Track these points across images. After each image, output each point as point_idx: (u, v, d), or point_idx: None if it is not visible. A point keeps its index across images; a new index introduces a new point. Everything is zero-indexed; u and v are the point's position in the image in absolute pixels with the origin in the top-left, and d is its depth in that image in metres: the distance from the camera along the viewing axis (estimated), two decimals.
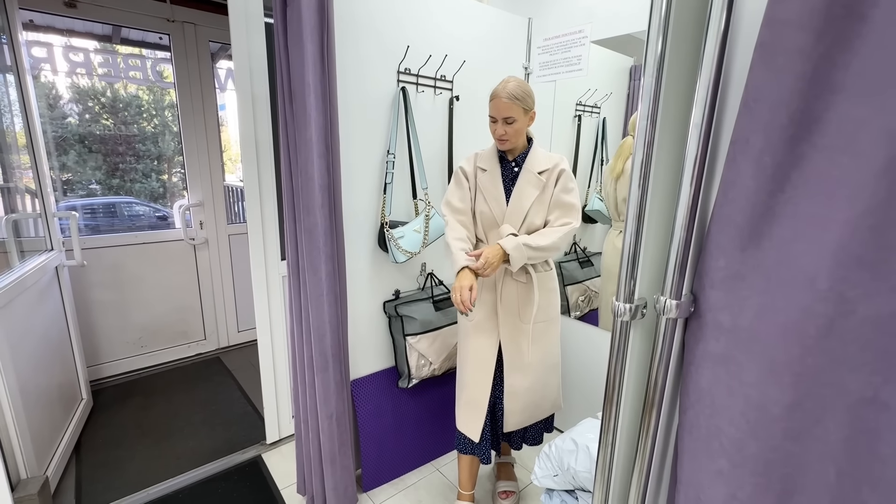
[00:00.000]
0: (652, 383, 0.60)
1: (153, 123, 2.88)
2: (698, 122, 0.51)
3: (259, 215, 1.78)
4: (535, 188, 1.43)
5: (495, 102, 1.36)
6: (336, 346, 1.49)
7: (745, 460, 0.54)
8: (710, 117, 0.50)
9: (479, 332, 1.50)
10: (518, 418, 1.54)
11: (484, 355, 1.50)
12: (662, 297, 0.57)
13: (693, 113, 0.51)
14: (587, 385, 2.04)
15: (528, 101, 1.37)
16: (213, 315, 2.98)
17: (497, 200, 1.46)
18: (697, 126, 0.51)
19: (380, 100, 1.62)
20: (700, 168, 0.52)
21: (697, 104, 0.50)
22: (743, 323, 0.52)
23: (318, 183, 1.34)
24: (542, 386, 1.55)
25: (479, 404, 1.50)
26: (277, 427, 2.05)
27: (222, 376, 2.71)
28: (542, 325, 1.51)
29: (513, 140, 1.40)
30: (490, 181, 1.46)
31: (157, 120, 2.89)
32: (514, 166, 1.47)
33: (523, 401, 1.52)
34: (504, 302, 1.48)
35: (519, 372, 1.50)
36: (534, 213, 1.44)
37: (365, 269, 1.71)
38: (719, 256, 0.52)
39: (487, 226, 1.49)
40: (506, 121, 1.36)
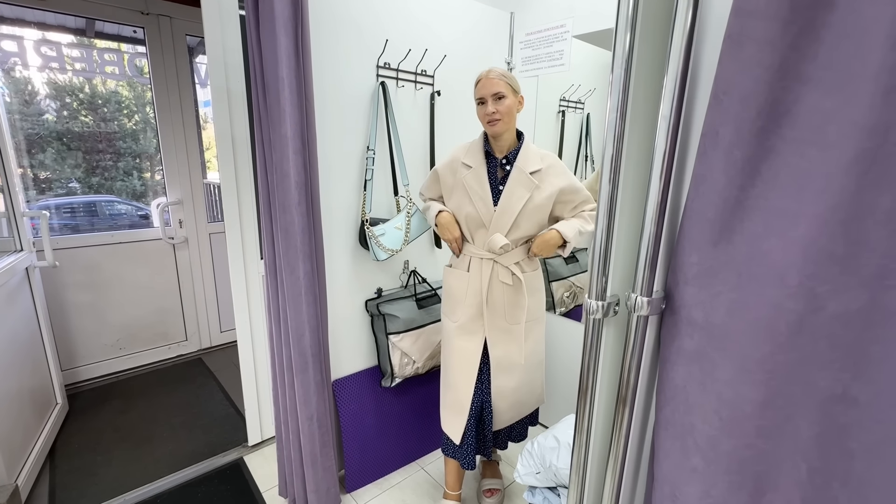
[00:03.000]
0: (624, 381, 0.59)
1: (134, 120, 2.81)
2: (667, 114, 0.50)
3: (237, 214, 1.74)
4: (526, 190, 1.35)
5: (483, 83, 1.30)
6: (316, 346, 1.46)
7: (718, 458, 0.53)
8: (678, 110, 0.49)
9: (463, 334, 1.48)
10: (506, 416, 1.54)
11: (469, 357, 1.47)
12: (634, 293, 0.56)
13: (661, 106, 0.50)
14: (571, 382, 2.04)
15: (515, 83, 1.32)
16: (195, 315, 2.92)
17: (484, 201, 1.37)
18: (666, 119, 0.50)
19: (359, 95, 1.59)
20: (669, 162, 0.51)
21: (666, 97, 0.49)
22: (715, 319, 0.51)
23: (295, 180, 1.31)
24: (528, 383, 1.54)
25: (462, 406, 1.49)
26: (259, 429, 2.02)
27: (204, 378, 2.66)
28: (529, 324, 1.49)
29: (505, 120, 1.31)
30: (476, 180, 1.38)
31: (137, 116, 2.81)
32: (505, 163, 1.39)
33: (510, 400, 1.51)
34: (491, 305, 1.45)
35: (506, 373, 1.48)
36: (523, 217, 1.36)
37: (345, 268, 1.68)
38: (692, 252, 0.51)
39: (474, 227, 1.43)
40: (496, 97, 1.29)
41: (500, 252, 1.39)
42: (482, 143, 1.41)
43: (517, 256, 1.43)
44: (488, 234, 1.38)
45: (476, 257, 1.44)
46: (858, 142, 0.39)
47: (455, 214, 1.46)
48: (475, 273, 1.44)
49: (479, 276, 1.43)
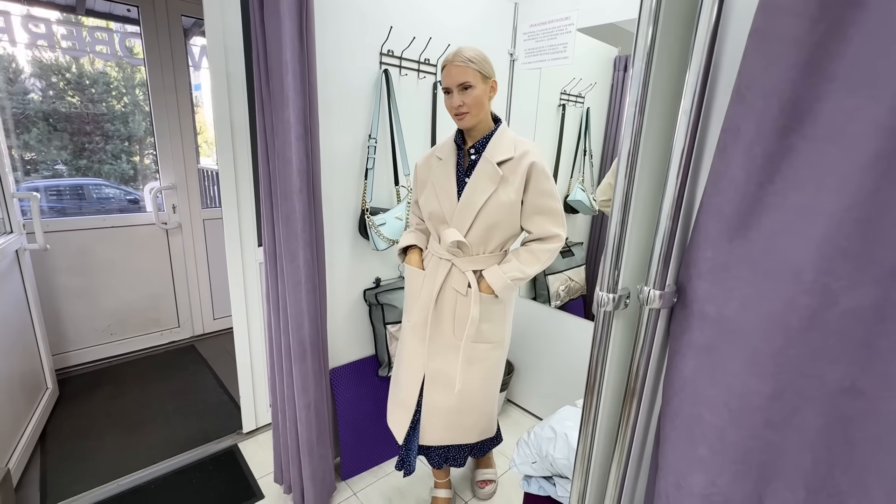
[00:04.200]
0: (633, 373, 0.60)
1: (123, 102, 2.74)
2: (687, 109, 0.50)
3: (235, 200, 1.72)
4: (491, 182, 1.20)
5: (447, 70, 1.17)
6: (314, 334, 1.46)
7: (725, 448, 0.54)
8: (699, 105, 0.50)
9: (413, 335, 1.39)
10: (437, 435, 1.41)
11: (414, 360, 1.39)
12: (646, 287, 0.57)
13: (682, 101, 0.50)
14: (566, 374, 2.07)
15: (485, 67, 1.18)
16: (188, 302, 2.89)
17: (448, 195, 1.25)
18: (686, 113, 0.50)
19: (361, 82, 1.57)
20: (688, 157, 0.51)
21: (687, 92, 0.49)
22: (728, 314, 0.52)
23: (297, 167, 1.29)
24: (470, 410, 1.39)
25: (406, 406, 1.43)
26: (254, 416, 2.01)
27: (197, 365, 2.64)
28: (484, 347, 1.34)
29: (474, 113, 1.18)
30: (443, 172, 1.26)
31: (127, 98, 2.75)
32: (473, 153, 1.25)
33: (444, 420, 1.39)
34: (438, 311, 1.32)
35: (442, 389, 1.36)
36: (488, 214, 1.21)
37: (345, 257, 1.68)
38: (706, 247, 0.52)
39: (438, 224, 1.30)
40: (462, 88, 1.16)
41: (452, 250, 1.26)
42: (455, 134, 1.30)
43: (479, 264, 1.27)
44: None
45: (436, 256, 1.33)
46: (878, 142, 0.40)
47: (422, 213, 1.38)
48: (430, 273, 1.33)
49: (434, 277, 1.32)
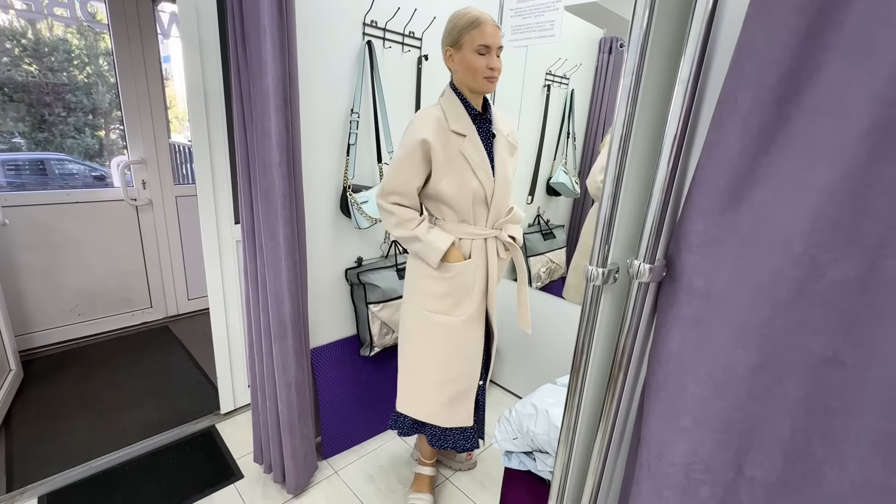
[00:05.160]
0: (621, 347, 0.61)
1: (86, 72, 2.58)
2: (685, 78, 0.49)
3: (209, 175, 1.66)
4: (509, 155, 1.29)
5: (484, 27, 1.12)
6: (295, 313, 1.43)
7: (707, 418, 0.55)
8: (696, 76, 0.49)
9: (471, 326, 1.35)
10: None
11: (478, 347, 1.39)
12: (637, 260, 0.57)
13: (680, 69, 0.49)
14: (548, 354, 2.10)
15: None
16: (160, 282, 2.80)
17: (486, 173, 1.21)
18: (684, 83, 0.49)
19: (344, 53, 1.51)
20: (683, 129, 0.51)
21: (686, 61, 0.48)
22: (716, 286, 0.52)
23: (276, 140, 1.25)
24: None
25: (470, 393, 1.43)
26: (232, 397, 1.98)
27: (171, 345, 2.58)
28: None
29: (498, 79, 1.21)
30: (475, 149, 1.19)
31: (90, 68, 2.58)
32: (490, 125, 1.26)
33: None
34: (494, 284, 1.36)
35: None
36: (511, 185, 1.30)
37: (326, 235, 1.64)
38: (698, 220, 0.52)
39: (477, 205, 1.25)
40: (499, 51, 1.17)
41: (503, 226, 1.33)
42: (461, 103, 1.20)
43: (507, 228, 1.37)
44: (491, 209, 1.26)
45: (479, 239, 1.28)
46: (875, 113, 0.40)
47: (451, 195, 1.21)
48: (478, 257, 1.29)
49: (484, 258, 1.31)
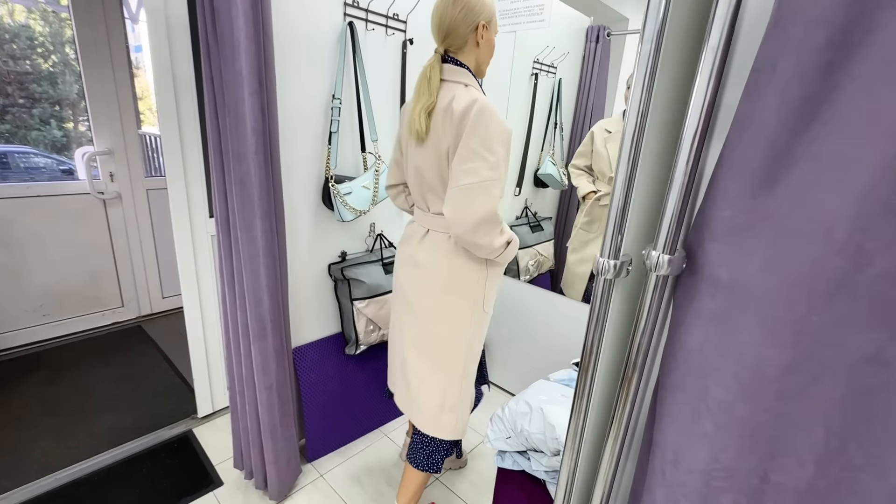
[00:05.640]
0: (636, 345, 0.55)
1: (51, 61, 2.43)
2: (715, 45, 0.43)
3: (181, 166, 1.55)
4: None
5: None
6: (275, 311, 1.35)
7: (731, 422, 0.51)
8: (728, 40, 0.43)
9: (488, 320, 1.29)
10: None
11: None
12: (654, 251, 0.51)
13: (710, 33, 0.43)
14: (538, 349, 2.06)
15: None
16: (132, 280, 2.66)
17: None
18: (714, 50, 0.44)
19: (324, 34, 1.42)
20: (711, 103, 0.45)
21: (717, 23, 0.43)
22: (744, 278, 0.47)
23: (252, 126, 1.16)
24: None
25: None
26: (210, 399, 1.89)
27: (145, 346, 2.45)
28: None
29: None
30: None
31: (55, 57, 2.43)
32: None
33: None
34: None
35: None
36: None
37: (307, 228, 1.56)
38: (725, 206, 0.47)
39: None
40: None
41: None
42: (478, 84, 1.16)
43: None
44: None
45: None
46: None
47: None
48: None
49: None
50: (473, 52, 1.10)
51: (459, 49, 1.08)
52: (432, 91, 1.05)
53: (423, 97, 1.06)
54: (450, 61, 1.08)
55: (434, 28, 1.09)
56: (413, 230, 1.24)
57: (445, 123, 1.03)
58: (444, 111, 1.04)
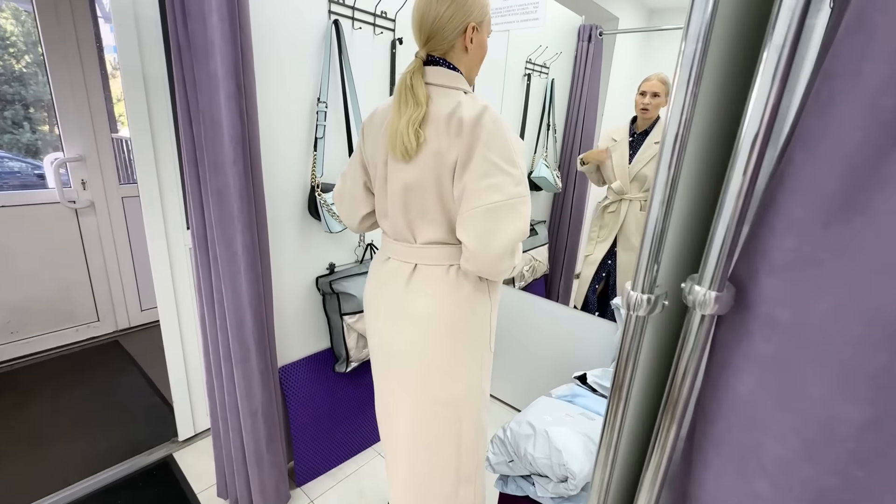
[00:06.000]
0: (675, 392, 0.48)
1: (24, 61, 2.29)
2: (779, 42, 0.36)
3: (153, 173, 1.44)
4: None
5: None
6: (259, 331, 1.25)
7: (792, 484, 0.43)
8: (796, 36, 0.36)
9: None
10: None
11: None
12: (698, 286, 0.44)
13: (774, 30, 0.36)
14: (536, 359, 1.99)
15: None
16: (108, 292, 2.53)
17: None
18: (777, 49, 0.36)
19: (307, 33, 1.33)
20: (773, 114, 0.38)
21: (782, 17, 0.35)
22: (810, 320, 0.40)
23: (229, 133, 1.06)
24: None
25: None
26: (191, 421, 1.78)
27: (122, 363, 2.32)
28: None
29: None
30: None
31: (28, 57, 2.30)
32: None
33: None
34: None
35: None
36: None
37: (292, 240, 1.46)
38: (787, 235, 0.40)
39: None
40: None
41: None
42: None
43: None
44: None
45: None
46: None
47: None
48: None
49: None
50: (462, 58, 0.94)
51: (445, 53, 0.93)
52: (419, 100, 0.89)
53: (408, 108, 0.89)
54: (441, 63, 0.93)
55: (415, 28, 0.93)
56: (391, 270, 1.01)
57: (451, 133, 0.87)
58: (446, 120, 0.87)
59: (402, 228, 0.98)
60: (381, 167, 0.98)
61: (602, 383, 1.49)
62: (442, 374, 0.99)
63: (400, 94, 0.91)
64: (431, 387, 1.00)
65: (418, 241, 0.97)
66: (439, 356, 0.98)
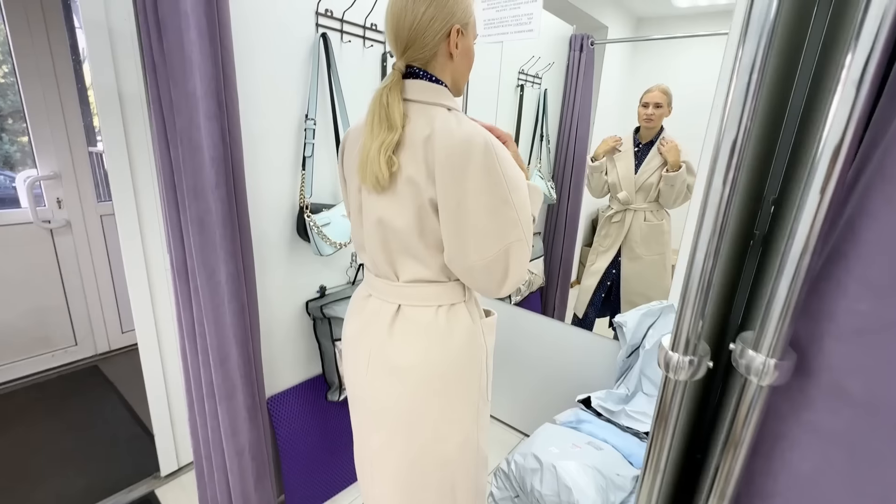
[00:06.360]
0: (726, 469, 0.42)
1: (2, 71, 2.21)
2: (867, 45, 0.30)
3: (131, 192, 1.36)
4: None
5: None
6: (246, 364, 1.17)
7: None
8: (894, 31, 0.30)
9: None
10: None
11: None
12: (754, 352, 0.38)
13: (860, 28, 0.30)
14: (536, 377, 1.93)
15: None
16: (86, 315, 2.41)
17: None
18: (866, 48, 0.30)
19: (294, 47, 1.26)
20: (859, 138, 0.32)
21: (873, 10, 0.29)
22: (891, 396, 0.34)
23: (210, 155, 0.99)
24: None
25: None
26: (175, 453, 1.68)
27: (102, 390, 2.21)
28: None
29: None
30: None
31: (6, 67, 2.21)
32: None
33: None
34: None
35: None
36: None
37: (281, 264, 1.38)
38: (863, 297, 0.34)
39: None
40: None
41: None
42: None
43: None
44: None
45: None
46: None
47: None
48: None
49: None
50: (446, 67, 0.81)
51: (427, 63, 0.80)
52: (394, 122, 0.76)
53: (381, 131, 0.77)
54: (421, 76, 0.80)
55: (390, 35, 0.80)
56: (372, 312, 0.89)
57: (428, 161, 0.75)
58: (423, 144, 0.75)
59: (382, 264, 0.86)
60: (356, 195, 0.87)
61: (607, 406, 1.43)
62: (432, 432, 0.87)
63: (373, 113, 0.79)
64: (420, 448, 0.88)
65: (401, 279, 0.85)
66: (428, 412, 0.86)
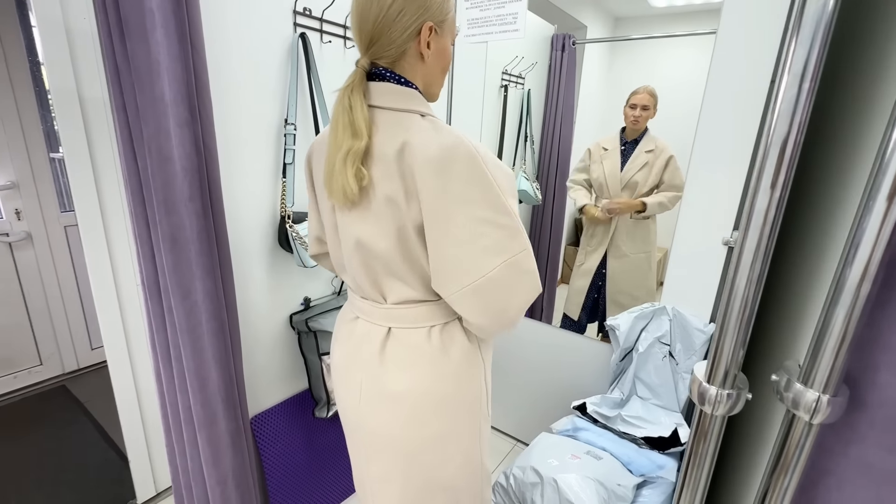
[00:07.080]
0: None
1: None
2: None
3: (96, 202, 1.27)
4: None
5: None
6: (227, 388, 1.10)
7: None
8: None
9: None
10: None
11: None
12: (803, 386, 0.34)
13: None
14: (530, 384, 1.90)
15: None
16: (52, 332, 2.27)
17: None
18: None
19: (271, 48, 1.19)
20: None
21: None
22: None
23: (182, 165, 0.91)
24: None
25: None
26: (152, 478, 1.58)
27: (71, 412, 2.08)
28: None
29: None
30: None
31: None
32: None
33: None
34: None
35: None
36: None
37: (262, 276, 1.31)
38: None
39: None
40: None
41: None
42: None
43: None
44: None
45: None
46: None
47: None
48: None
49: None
50: (417, 68, 0.72)
51: (394, 62, 0.70)
52: (359, 128, 0.67)
53: (346, 138, 0.67)
54: (387, 77, 0.70)
55: (354, 28, 0.70)
56: (361, 335, 0.82)
57: (406, 177, 0.67)
58: (396, 158, 0.66)
59: (367, 286, 0.79)
60: (330, 214, 0.80)
61: (602, 412, 1.41)
62: (432, 457, 0.82)
63: (336, 118, 0.69)
64: (421, 476, 0.82)
65: (388, 301, 0.78)
66: (428, 438, 0.80)
